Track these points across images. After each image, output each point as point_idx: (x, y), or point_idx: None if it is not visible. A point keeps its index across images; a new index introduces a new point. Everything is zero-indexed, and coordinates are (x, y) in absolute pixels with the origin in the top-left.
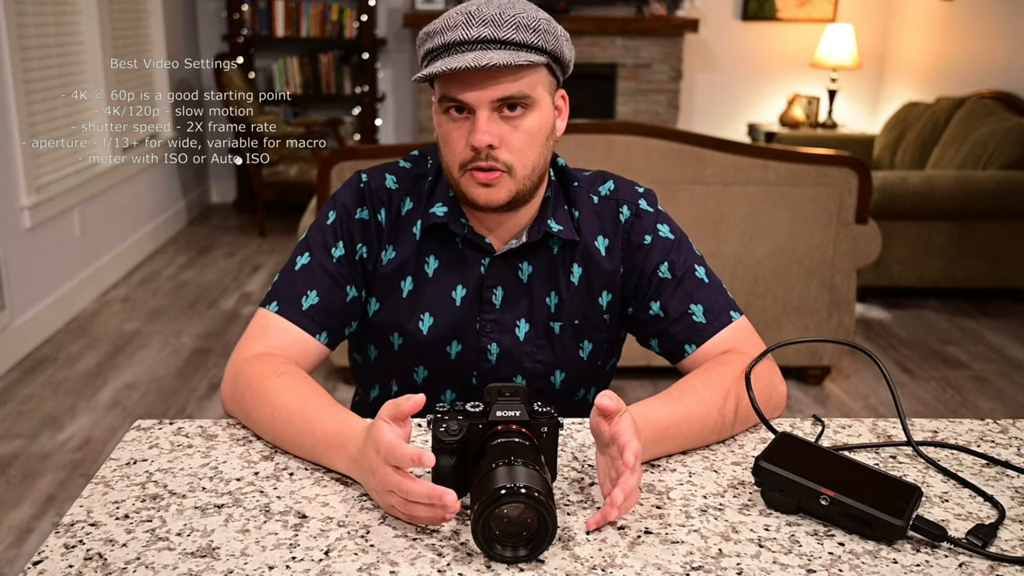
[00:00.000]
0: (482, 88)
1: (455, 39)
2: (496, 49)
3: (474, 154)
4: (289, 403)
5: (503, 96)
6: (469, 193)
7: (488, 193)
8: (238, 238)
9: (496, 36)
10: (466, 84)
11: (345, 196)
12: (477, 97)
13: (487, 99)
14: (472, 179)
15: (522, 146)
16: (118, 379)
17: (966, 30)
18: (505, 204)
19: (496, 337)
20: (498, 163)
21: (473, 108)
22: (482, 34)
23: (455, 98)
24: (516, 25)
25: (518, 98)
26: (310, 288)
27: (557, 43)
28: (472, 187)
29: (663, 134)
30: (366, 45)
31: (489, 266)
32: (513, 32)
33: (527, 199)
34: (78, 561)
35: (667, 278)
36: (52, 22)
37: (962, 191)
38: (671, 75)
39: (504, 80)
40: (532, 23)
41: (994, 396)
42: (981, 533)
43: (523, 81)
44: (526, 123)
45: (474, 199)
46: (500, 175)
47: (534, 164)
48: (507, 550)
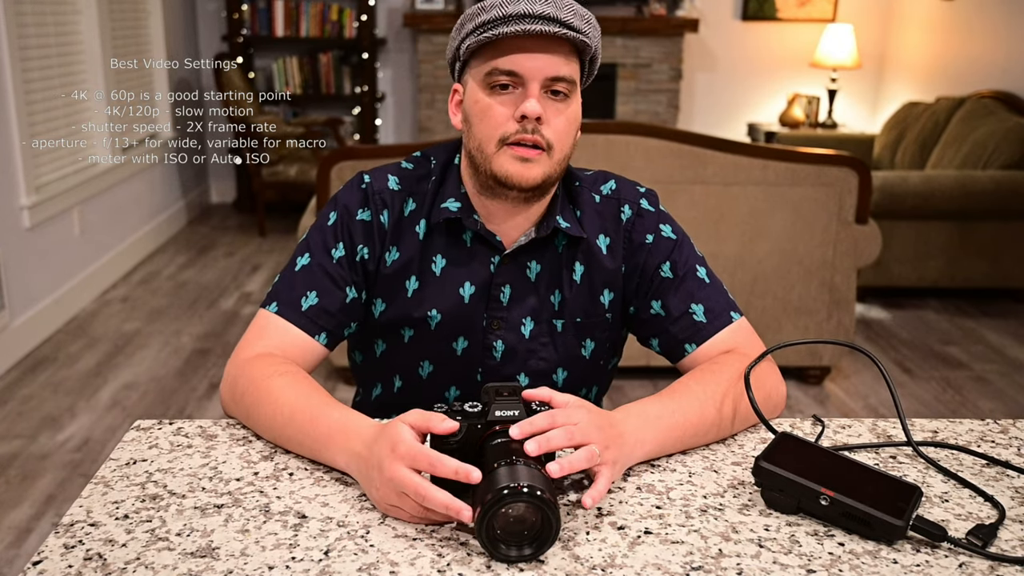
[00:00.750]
0: (540, 61)
1: (520, 11)
2: (558, 27)
3: (518, 127)
4: (290, 401)
5: (557, 75)
6: (504, 169)
7: (524, 170)
8: (238, 238)
9: (558, 16)
10: (525, 55)
11: (347, 197)
12: (533, 69)
13: (544, 73)
14: (510, 155)
15: (563, 129)
16: (118, 379)
17: (966, 30)
18: (537, 186)
19: (502, 334)
20: (542, 139)
21: (524, 82)
22: (545, 11)
23: (509, 70)
24: (574, 11)
25: (567, 81)
26: (309, 289)
27: (598, 44)
28: (509, 162)
29: (663, 134)
30: (366, 45)
31: (499, 264)
32: (572, 16)
33: (549, 190)
34: (78, 561)
35: (669, 278)
36: (52, 22)
37: (962, 191)
38: (671, 75)
39: (559, 58)
40: (586, 16)
41: (994, 396)
42: (981, 533)
43: (572, 66)
44: (568, 109)
45: (507, 176)
46: (540, 153)
47: (567, 152)
48: (511, 549)
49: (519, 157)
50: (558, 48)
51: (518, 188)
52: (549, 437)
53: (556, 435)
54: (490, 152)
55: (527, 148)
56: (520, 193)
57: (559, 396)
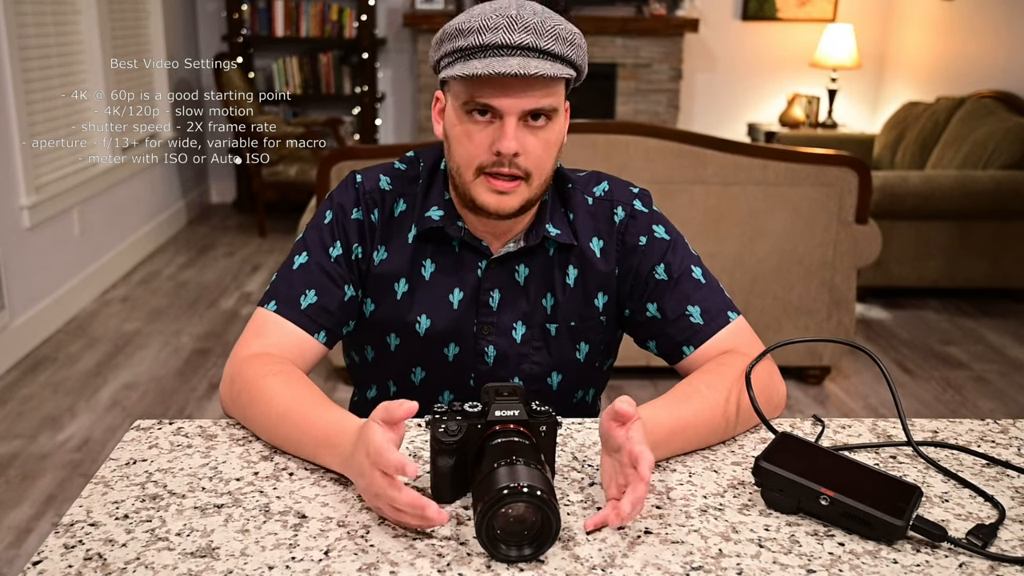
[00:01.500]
0: (517, 97)
1: (496, 41)
2: (537, 58)
3: (495, 159)
4: (283, 401)
5: (536, 108)
6: (480, 198)
7: (502, 200)
8: (238, 238)
9: (538, 45)
10: (501, 90)
11: (341, 196)
12: (511, 104)
13: (520, 108)
14: (487, 185)
15: (541, 154)
16: (118, 379)
17: (966, 30)
18: (517, 212)
19: (493, 339)
20: (519, 171)
21: (501, 114)
22: (524, 40)
23: (486, 103)
24: (556, 36)
25: (546, 110)
26: (308, 287)
27: (584, 59)
28: (485, 193)
29: (663, 134)
30: (366, 45)
31: (486, 269)
32: (553, 43)
33: (533, 207)
34: (78, 561)
35: (664, 279)
36: (52, 22)
37: (962, 191)
38: (671, 75)
39: (538, 92)
40: (569, 36)
41: (994, 396)
42: (981, 533)
43: (553, 94)
44: (547, 133)
45: (485, 205)
46: (518, 184)
47: (548, 173)
48: (511, 549)
49: (495, 190)
50: (538, 81)
51: (496, 216)
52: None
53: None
54: (468, 179)
55: (504, 180)
56: (499, 219)
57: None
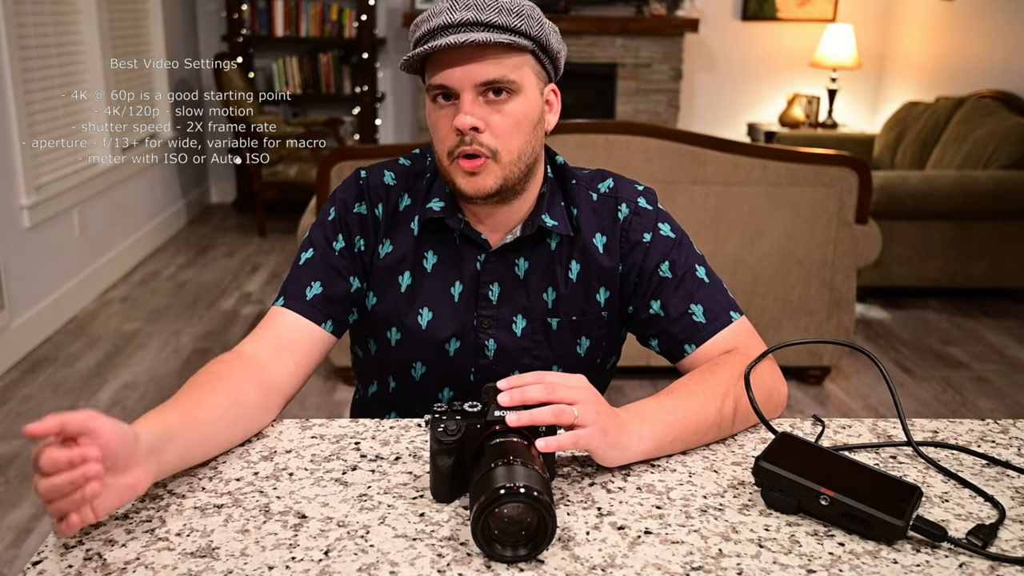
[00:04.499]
0: (465, 69)
1: (440, 24)
2: (479, 31)
3: (459, 139)
4: (172, 399)
5: (487, 79)
6: (457, 183)
7: (474, 182)
8: (238, 238)
9: (479, 19)
10: (450, 67)
11: (344, 192)
12: (460, 79)
13: (470, 81)
14: (459, 168)
15: (506, 131)
16: (118, 379)
17: (966, 30)
18: (494, 193)
19: (494, 333)
20: (482, 147)
21: (458, 92)
22: (465, 17)
23: (440, 84)
24: (499, 9)
25: (502, 82)
26: (314, 280)
27: (542, 30)
28: (459, 176)
29: (663, 134)
30: (366, 45)
31: (485, 262)
32: (496, 15)
33: (517, 190)
34: (78, 561)
35: (668, 277)
36: (52, 22)
37: (962, 191)
38: (671, 75)
39: (488, 62)
40: (515, 8)
41: (994, 396)
42: (981, 533)
43: (507, 64)
44: (510, 107)
45: (462, 189)
46: (485, 161)
47: (520, 151)
48: (507, 550)
49: (466, 171)
50: (488, 51)
51: (476, 199)
52: (532, 413)
53: (542, 412)
54: (445, 166)
55: (470, 160)
56: (483, 201)
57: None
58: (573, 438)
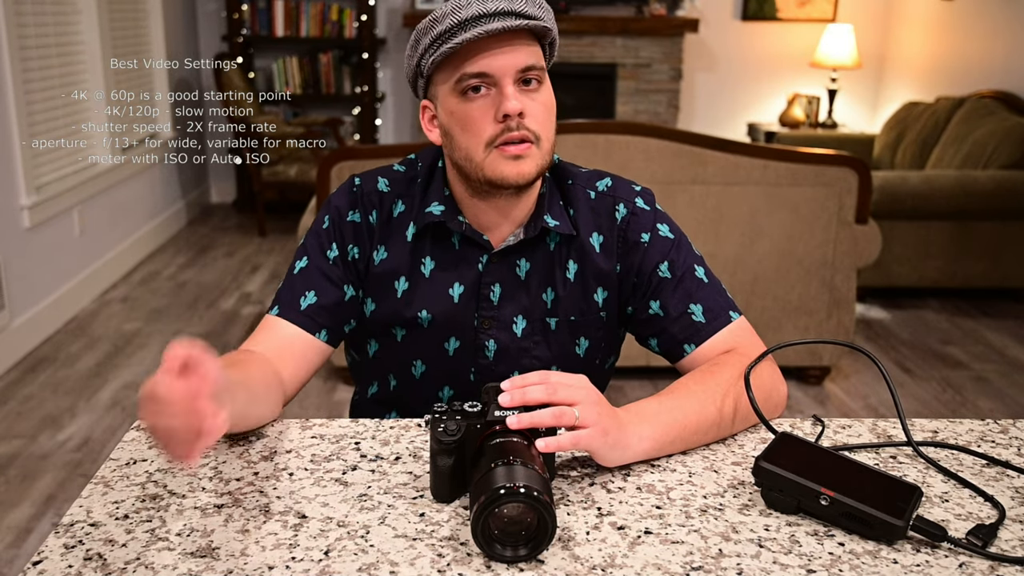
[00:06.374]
0: (507, 56)
1: (474, 13)
2: (515, 19)
3: (502, 127)
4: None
5: (526, 64)
6: (498, 171)
7: (519, 166)
8: (238, 238)
9: (512, 8)
10: (490, 56)
11: (338, 199)
12: (502, 66)
13: (513, 67)
14: (501, 156)
15: (544, 117)
16: (118, 379)
17: (966, 30)
18: (531, 181)
19: (494, 333)
20: (529, 132)
21: (497, 81)
22: (500, 7)
23: (480, 72)
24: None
25: (536, 68)
26: (308, 289)
27: (555, 24)
28: (502, 164)
29: (663, 134)
30: (366, 45)
31: (487, 263)
32: (524, 5)
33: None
34: (78, 561)
35: (667, 277)
36: (52, 22)
37: (962, 191)
38: (671, 75)
39: (524, 50)
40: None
41: (994, 396)
42: (981, 533)
43: (536, 53)
44: (541, 96)
45: (504, 177)
46: (530, 146)
47: (553, 138)
48: (507, 550)
49: (511, 156)
50: (520, 39)
51: (515, 186)
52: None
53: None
54: (479, 159)
55: (516, 145)
56: (516, 191)
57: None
58: (574, 439)
